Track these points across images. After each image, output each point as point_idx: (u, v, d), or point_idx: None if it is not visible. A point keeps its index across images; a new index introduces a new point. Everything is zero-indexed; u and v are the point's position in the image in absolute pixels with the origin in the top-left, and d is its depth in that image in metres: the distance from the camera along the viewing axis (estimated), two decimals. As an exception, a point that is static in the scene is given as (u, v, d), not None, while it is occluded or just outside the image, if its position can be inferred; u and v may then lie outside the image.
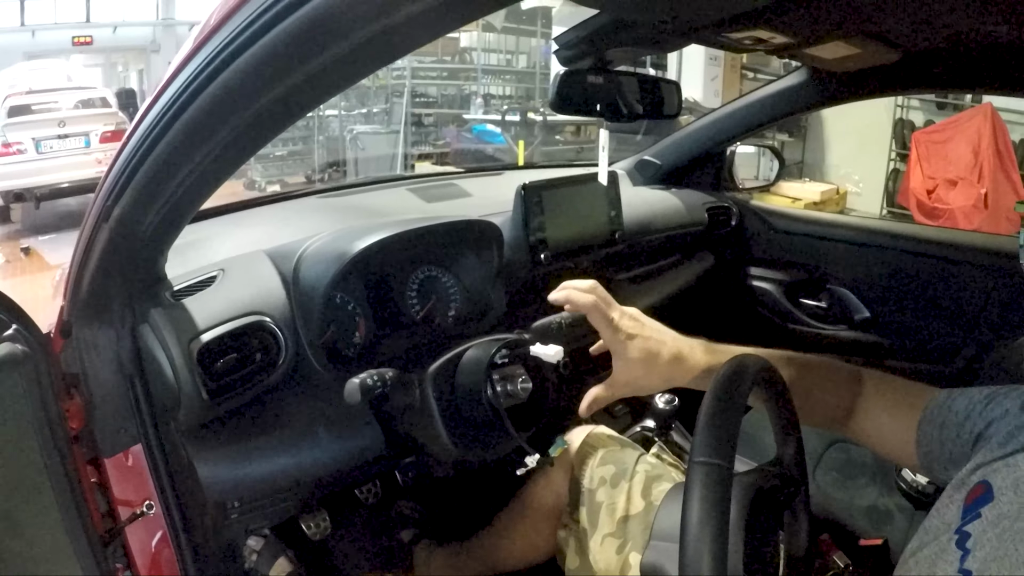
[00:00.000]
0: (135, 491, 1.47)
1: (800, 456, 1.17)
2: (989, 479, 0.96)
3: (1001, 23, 1.35)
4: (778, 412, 1.15)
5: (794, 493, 1.16)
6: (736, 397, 0.97)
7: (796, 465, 1.17)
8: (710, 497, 0.86)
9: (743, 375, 1.01)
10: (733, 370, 1.01)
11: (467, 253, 1.87)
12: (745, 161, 2.90)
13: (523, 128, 12.17)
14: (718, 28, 1.31)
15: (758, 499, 1.05)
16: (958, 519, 0.96)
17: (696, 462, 0.89)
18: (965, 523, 0.93)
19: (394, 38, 0.79)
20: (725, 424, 0.93)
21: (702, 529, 0.84)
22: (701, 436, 0.91)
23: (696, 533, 0.84)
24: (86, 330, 1.38)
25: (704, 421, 0.93)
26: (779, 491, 1.12)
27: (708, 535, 0.84)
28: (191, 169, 1.06)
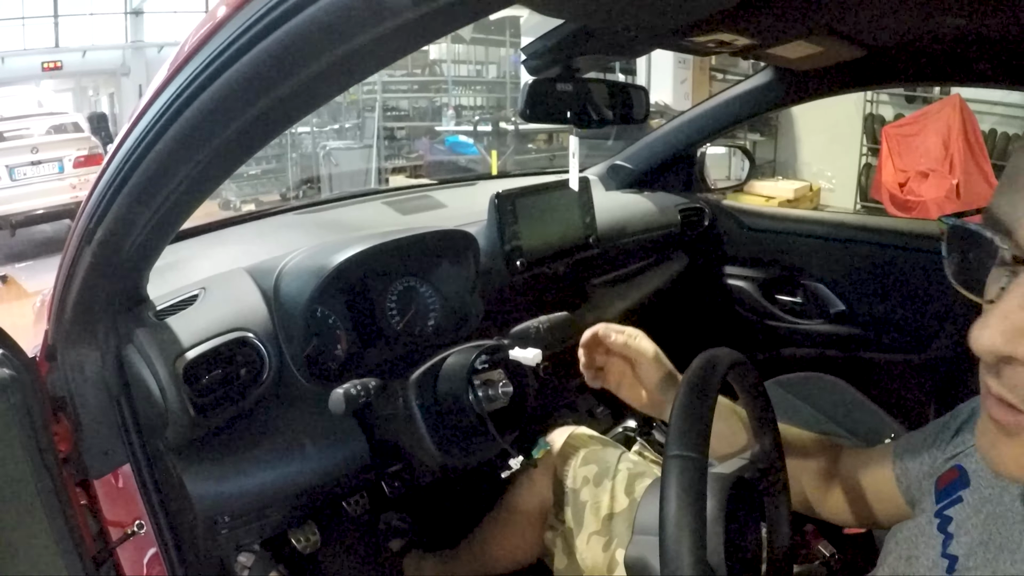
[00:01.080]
0: (125, 511, 1.48)
1: (777, 446, 1.19)
2: (962, 463, 0.98)
3: (959, 17, 1.38)
4: (753, 404, 1.17)
5: (774, 482, 1.17)
6: (708, 390, 0.98)
7: (774, 455, 1.19)
8: (686, 489, 0.88)
9: (715, 367, 1.03)
10: (705, 363, 1.03)
11: (444, 263, 1.89)
12: (716, 162, 2.93)
13: (495, 138, 12.17)
14: (681, 33, 1.33)
15: (737, 490, 1.06)
16: (932, 503, 0.98)
17: (671, 455, 0.91)
18: (944, 507, 0.95)
19: (363, 56, 0.81)
20: (698, 416, 0.94)
21: (680, 521, 0.86)
22: (675, 429, 0.93)
23: (674, 525, 0.86)
24: (71, 353, 1.39)
25: (678, 414, 0.94)
26: (758, 481, 1.14)
27: (686, 526, 0.85)
28: (172, 189, 1.07)
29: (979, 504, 0.90)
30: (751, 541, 1.09)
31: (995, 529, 0.85)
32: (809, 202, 10.22)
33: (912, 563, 0.96)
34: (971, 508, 0.91)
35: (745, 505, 1.08)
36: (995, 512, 0.87)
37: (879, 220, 2.81)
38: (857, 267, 2.52)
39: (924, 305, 2.36)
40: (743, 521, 1.06)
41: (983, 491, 0.91)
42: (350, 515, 1.94)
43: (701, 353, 1.05)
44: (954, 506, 0.94)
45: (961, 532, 0.90)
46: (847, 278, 2.55)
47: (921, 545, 0.96)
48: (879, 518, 1.24)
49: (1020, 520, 0.83)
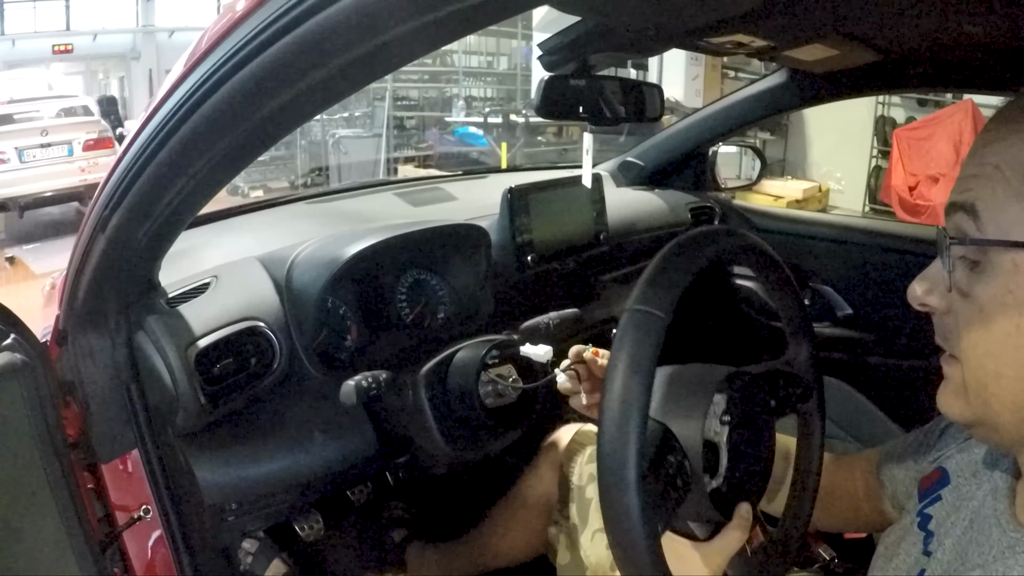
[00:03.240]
0: (132, 496, 1.49)
1: (814, 360, 1.18)
2: (944, 465, 1.02)
3: (976, 24, 1.37)
4: (783, 303, 1.16)
5: (803, 396, 1.16)
6: (694, 257, 0.94)
7: (808, 369, 1.17)
8: (638, 343, 0.86)
9: (708, 240, 0.99)
10: (700, 234, 1.00)
11: (455, 256, 1.89)
12: (727, 161, 2.92)
13: (505, 130, 12.16)
14: (699, 34, 1.33)
15: (751, 389, 1.06)
16: (916, 503, 1.01)
17: (629, 309, 0.89)
18: (925, 506, 0.98)
19: (386, 54, 0.81)
20: (671, 279, 0.90)
21: (629, 376, 0.84)
22: (642, 284, 0.90)
23: (623, 380, 0.84)
24: (82, 338, 1.39)
25: (649, 271, 0.91)
26: (780, 388, 1.12)
27: (635, 382, 0.84)
28: (188, 179, 1.07)
29: (957, 501, 0.93)
30: (761, 448, 1.09)
31: (969, 524, 0.88)
32: (818, 203, 10.21)
33: (895, 561, 0.98)
34: (950, 506, 0.94)
35: (758, 408, 1.08)
36: (970, 507, 0.90)
37: (889, 224, 2.81)
38: (866, 271, 2.51)
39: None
40: (752, 424, 1.06)
41: (961, 489, 0.95)
42: (354, 504, 1.94)
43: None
44: (934, 504, 0.97)
45: (941, 530, 0.92)
46: (855, 282, 2.54)
47: (904, 544, 0.98)
48: (864, 523, 1.27)
49: (992, 514, 0.86)
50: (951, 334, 0.84)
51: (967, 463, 0.97)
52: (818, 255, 2.61)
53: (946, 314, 0.85)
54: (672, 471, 0.94)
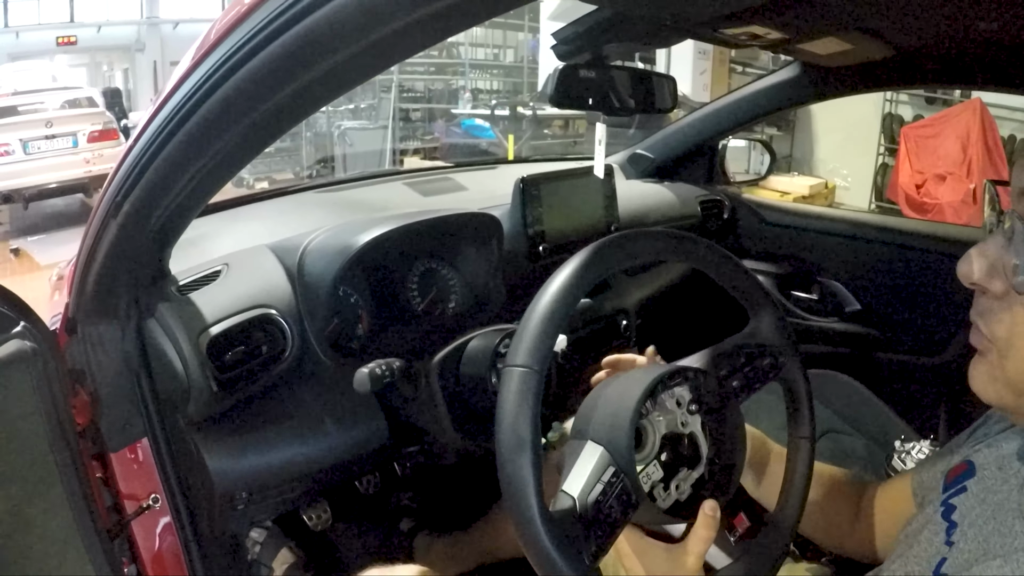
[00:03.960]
0: (141, 485, 1.49)
1: (781, 324, 1.19)
2: (971, 459, 1.01)
3: (991, 21, 1.37)
4: (725, 277, 1.19)
5: (774, 366, 1.17)
6: (561, 302, 1.00)
7: (776, 336, 1.19)
8: (520, 400, 0.92)
9: (581, 273, 1.03)
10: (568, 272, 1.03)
11: (467, 246, 1.89)
12: (736, 155, 2.91)
13: (512, 122, 12.16)
14: (714, 24, 1.33)
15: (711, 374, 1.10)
16: (939, 492, 1.01)
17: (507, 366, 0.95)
18: (949, 495, 0.98)
19: (396, 43, 0.81)
20: (543, 332, 0.97)
21: (517, 430, 0.91)
22: (515, 341, 0.97)
23: (510, 435, 0.91)
24: (91, 326, 1.40)
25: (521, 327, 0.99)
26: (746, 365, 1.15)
27: (524, 438, 0.91)
28: (201, 166, 1.07)
29: (982, 493, 0.93)
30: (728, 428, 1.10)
31: (991, 515, 0.87)
32: (824, 199, 10.18)
33: (915, 549, 0.97)
34: (975, 498, 0.93)
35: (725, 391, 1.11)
36: (995, 500, 0.89)
37: (898, 221, 2.80)
38: (875, 267, 2.51)
39: (940, 308, 2.35)
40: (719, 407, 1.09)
41: (987, 481, 0.94)
42: (362, 494, 1.94)
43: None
44: (959, 495, 0.97)
45: (965, 521, 0.91)
46: (864, 278, 2.54)
47: (926, 532, 0.98)
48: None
49: (1016, 507, 0.85)
50: (994, 317, 0.85)
51: (995, 457, 0.96)
52: (827, 250, 2.61)
53: (999, 298, 0.84)
54: (610, 489, 0.95)
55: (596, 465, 0.97)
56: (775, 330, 1.19)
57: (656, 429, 1.03)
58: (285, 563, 1.76)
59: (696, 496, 1.03)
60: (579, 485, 0.95)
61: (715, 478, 1.06)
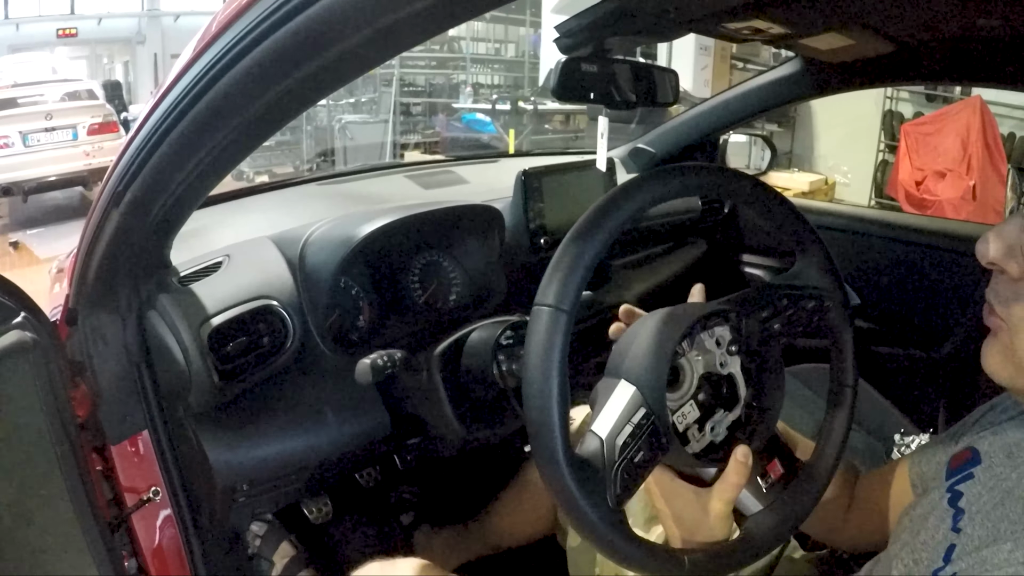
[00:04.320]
0: (142, 478, 1.49)
1: (829, 267, 1.17)
2: (976, 445, 1.01)
3: (992, 18, 1.37)
4: (780, 221, 1.16)
5: (818, 309, 1.16)
6: (593, 238, 0.97)
7: (823, 278, 1.17)
8: (547, 340, 0.90)
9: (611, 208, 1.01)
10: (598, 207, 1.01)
11: (469, 238, 1.89)
12: (737, 150, 2.90)
13: (513, 117, 12.15)
14: (718, 18, 1.33)
15: (751, 315, 1.08)
16: (943, 478, 1.01)
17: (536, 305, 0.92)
18: (956, 482, 0.97)
19: (396, 35, 0.81)
20: (572, 270, 0.94)
21: (545, 370, 0.89)
22: (545, 280, 0.94)
23: (538, 375, 0.89)
24: (92, 318, 1.40)
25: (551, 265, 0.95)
26: (788, 307, 1.14)
27: (551, 377, 0.89)
28: (202, 157, 1.07)
29: (990, 481, 0.92)
30: (771, 366, 1.08)
31: (1000, 501, 0.87)
32: (824, 195, 10.18)
33: (922, 536, 0.97)
34: (982, 485, 0.93)
35: (764, 332, 1.09)
36: (1003, 487, 0.89)
37: (898, 216, 2.80)
38: (874, 262, 2.51)
39: (939, 303, 2.35)
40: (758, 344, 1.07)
41: (995, 469, 0.94)
42: (362, 487, 1.94)
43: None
44: (965, 482, 0.96)
45: (972, 508, 0.91)
46: (864, 272, 2.54)
47: (932, 519, 0.97)
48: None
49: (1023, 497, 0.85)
50: (1012, 298, 0.87)
51: (1001, 445, 0.96)
52: (828, 245, 2.60)
53: (1015, 280, 0.86)
54: (639, 431, 0.93)
55: (627, 405, 0.95)
56: (822, 272, 1.17)
57: (694, 368, 1.01)
58: (285, 556, 1.76)
59: (731, 439, 1.03)
60: (608, 426, 0.93)
61: (751, 422, 1.05)
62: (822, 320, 1.17)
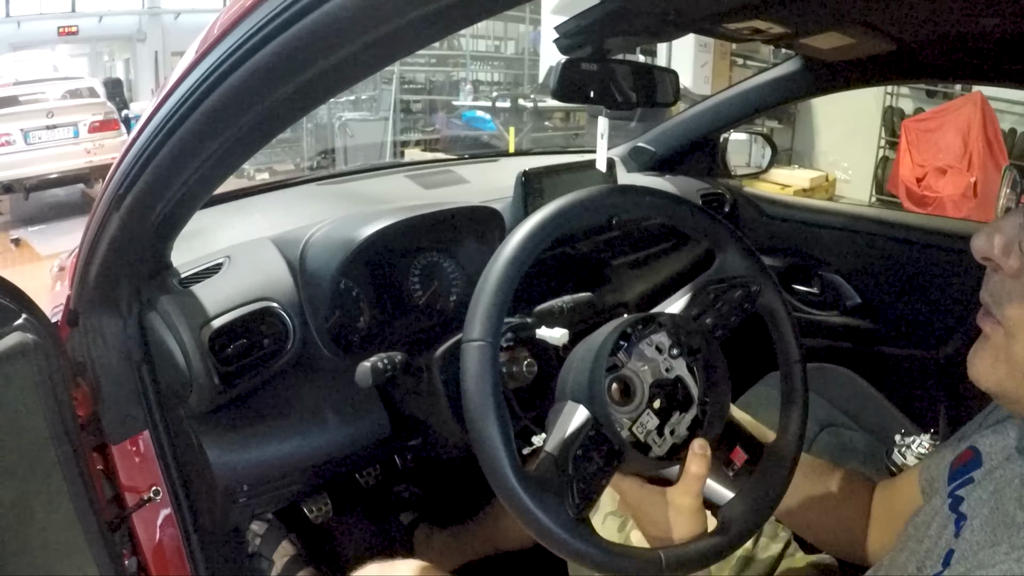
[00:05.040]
0: (142, 477, 1.49)
1: (747, 254, 1.21)
2: (977, 445, 1.01)
3: (993, 16, 1.37)
4: (693, 224, 1.22)
5: (748, 296, 1.19)
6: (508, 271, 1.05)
7: (745, 266, 1.21)
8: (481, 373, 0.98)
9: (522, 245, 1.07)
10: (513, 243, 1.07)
11: (469, 239, 1.88)
12: (737, 148, 2.91)
13: (513, 115, 12.14)
14: (717, 19, 1.33)
15: (684, 317, 1.13)
16: (945, 483, 1.01)
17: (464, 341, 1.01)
18: (957, 487, 0.98)
19: (401, 38, 0.82)
20: (493, 304, 1.03)
21: (481, 400, 0.97)
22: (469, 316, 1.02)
23: (476, 406, 0.97)
24: (93, 319, 1.40)
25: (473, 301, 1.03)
26: (718, 301, 1.17)
27: (488, 406, 0.96)
28: (202, 161, 1.07)
29: (990, 485, 0.92)
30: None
31: (996, 506, 0.87)
32: (824, 192, 10.19)
33: (925, 544, 0.97)
34: (982, 489, 0.93)
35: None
36: (999, 490, 0.89)
37: (900, 215, 2.80)
38: (875, 261, 2.51)
39: (940, 303, 2.35)
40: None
41: (995, 472, 0.94)
42: (362, 487, 1.95)
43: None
44: (966, 487, 0.96)
45: (972, 512, 0.91)
46: (865, 271, 2.54)
47: (934, 526, 0.97)
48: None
49: (1016, 497, 0.86)
50: (1006, 297, 0.84)
51: (1001, 446, 0.96)
52: (827, 244, 2.61)
53: (1013, 277, 0.83)
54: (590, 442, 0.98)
55: (574, 422, 1.00)
56: (742, 260, 1.20)
57: (642, 379, 1.05)
58: (285, 555, 1.77)
59: (692, 437, 1.06)
60: (557, 442, 0.99)
61: (708, 417, 1.08)
62: (754, 305, 1.20)
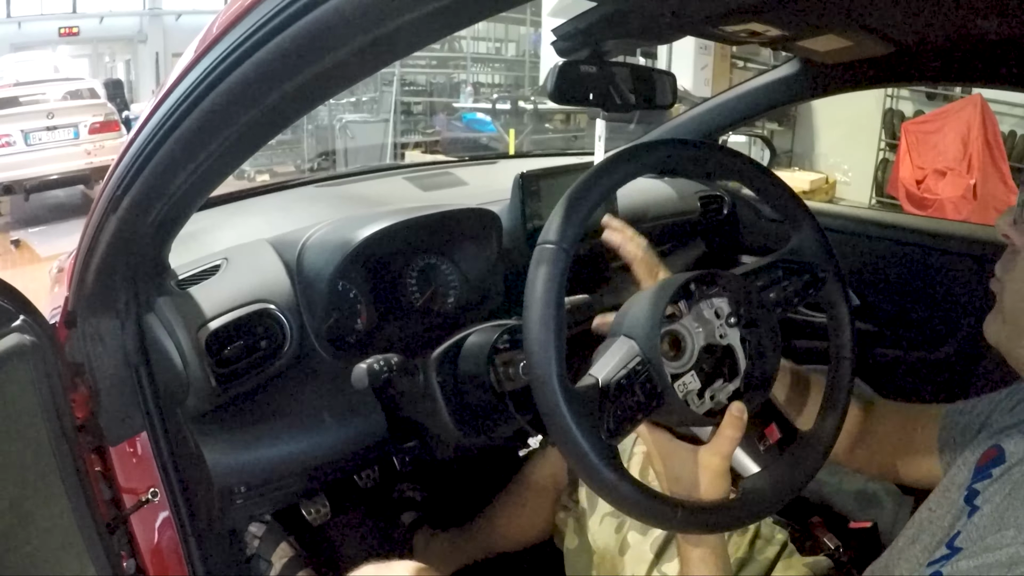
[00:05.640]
0: (140, 479, 1.49)
1: (822, 240, 1.21)
2: (1002, 443, 1.02)
3: (990, 18, 1.37)
4: (774, 197, 1.22)
5: (812, 283, 1.19)
6: (594, 186, 1.04)
7: (817, 254, 1.20)
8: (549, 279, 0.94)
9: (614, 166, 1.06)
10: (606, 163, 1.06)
11: (466, 241, 1.88)
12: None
13: (513, 116, 12.14)
14: (714, 21, 1.33)
15: (750, 287, 1.11)
16: (968, 479, 1.01)
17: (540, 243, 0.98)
18: (975, 481, 0.99)
19: (399, 39, 0.82)
20: (576, 210, 1.00)
21: (542, 301, 0.93)
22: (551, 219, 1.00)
23: (539, 313, 0.93)
24: (91, 320, 1.40)
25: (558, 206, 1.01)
26: (782, 280, 1.17)
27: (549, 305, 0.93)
28: (200, 162, 1.07)
29: (1008, 479, 0.94)
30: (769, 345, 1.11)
31: (1009, 492, 0.90)
32: (825, 194, 10.19)
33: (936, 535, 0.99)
34: (999, 483, 0.94)
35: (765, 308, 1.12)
36: (1016, 486, 0.90)
37: (897, 217, 2.80)
38: (874, 263, 2.50)
39: (939, 304, 2.35)
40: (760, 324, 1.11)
41: (1012, 470, 0.95)
42: (360, 488, 1.95)
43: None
44: (983, 481, 0.98)
45: (985, 504, 0.93)
46: (863, 273, 2.54)
47: (949, 518, 0.99)
48: (905, 476, 1.28)
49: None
50: (1007, 266, 1.02)
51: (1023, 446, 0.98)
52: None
53: (1016, 251, 1.00)
54: (633, 376, 0.97)
55: (623, 354, 0.99)
56: (816, 246, 1.20)
57: (695, 339, 1.05)
58: (284, 557, 1.77)
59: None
60: (604, 369, 0.97)
61: (750, 391, 1.08)
62: (818, 293, 1.20)
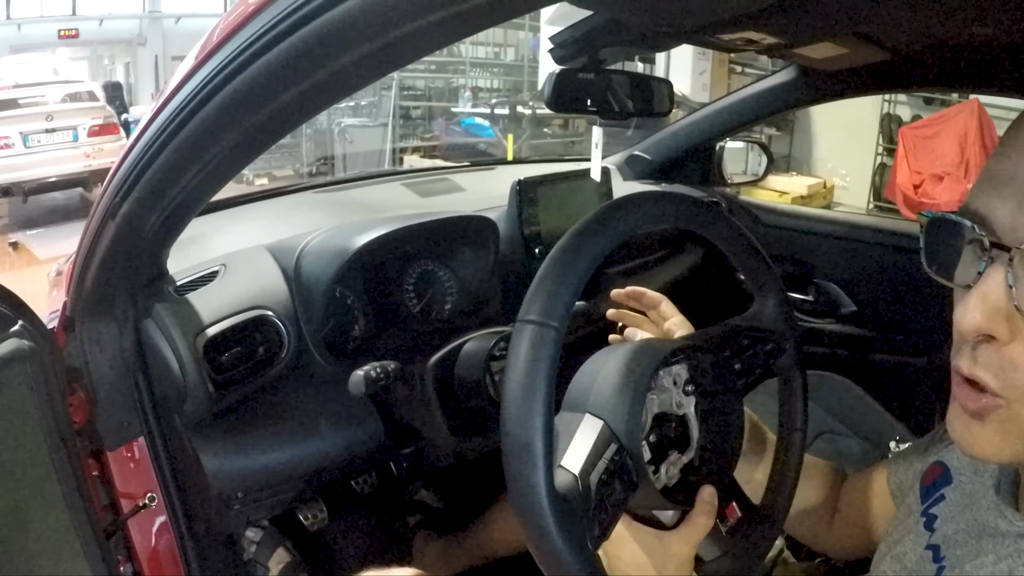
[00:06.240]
0: (137, 484, 1.49)
1: (786, 310, 1.14)
2: (943, 459, 1.01)
3: (987, 25, 1.38)
4: (744, 260, 1.12)
5: (774, 352, 1.12)
6: (584, 251, 0.86)
7: (778, 321, 1.14)
8: (535, 358, 0.79)
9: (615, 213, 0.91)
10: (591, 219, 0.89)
11: (464, 248, 1.89)
12: (733, 156, 2.91)
13: (512, 121, 12.15)
14: (710, 30, 1.33)
15: (712, 355, 1.02)
16: (918, 501, 1.00)
17: (520, 320, 0.82)
18: (929, 505, 0.97)
19: (402, 48, 0.81)
20: (561, 283, 0.83)
21: (527, 389, 0.77)
22: (531, 294, 0.83)
23: (519, 393, 0.78)
24: (89, 325, 1.40)
25: (537, 277, 0.84)
26: (747, 348, 1.10)
27: (532, 395, 0.77)
28: (199, 169, 1.07)
29: (962, 500, 0.93)
30: (730, 417, 1.03)
31: (974, 519, 0.88)
32: (823, 199, 10.21)
33: (901, 559, 0.97)
34: (955, 505, 0.93)
35: (728, 377, 1.03)
36: (972, 504, 0.90)
37: (894, 223, 2.81)
38: (870, 269, 2.51)
39: (935, 310, 2.34)
40: (720, 396, 1.03)
41: (964, 487, 0.94)
42: (357, 493, 1.95)
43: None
44: (938, 504, 0.96)
45: (948, 529, 0.91)
46: (860, 279, 2.54)
47: (913, 547, 0.96)
48: (877, 539, 1.23)
49: (994, 507, 0.85)
50: (1008, 366, 0.71)
51: (968, 460, 0.95)
52: (823, 252, 2.61)
53: (1007, 344, 0.71)
54: (613, 467, 0.85)
55: (597, 440, 0.85)
56: (779, 315, 1.14)
57: (648, 408, 0.93)
58: (281, 562, 1.77)
59: (684, 482, 0.96)
60: (580, 461, 0.83)
61: (706, 465, 0.99)
62: (776, 363, 1.14)
